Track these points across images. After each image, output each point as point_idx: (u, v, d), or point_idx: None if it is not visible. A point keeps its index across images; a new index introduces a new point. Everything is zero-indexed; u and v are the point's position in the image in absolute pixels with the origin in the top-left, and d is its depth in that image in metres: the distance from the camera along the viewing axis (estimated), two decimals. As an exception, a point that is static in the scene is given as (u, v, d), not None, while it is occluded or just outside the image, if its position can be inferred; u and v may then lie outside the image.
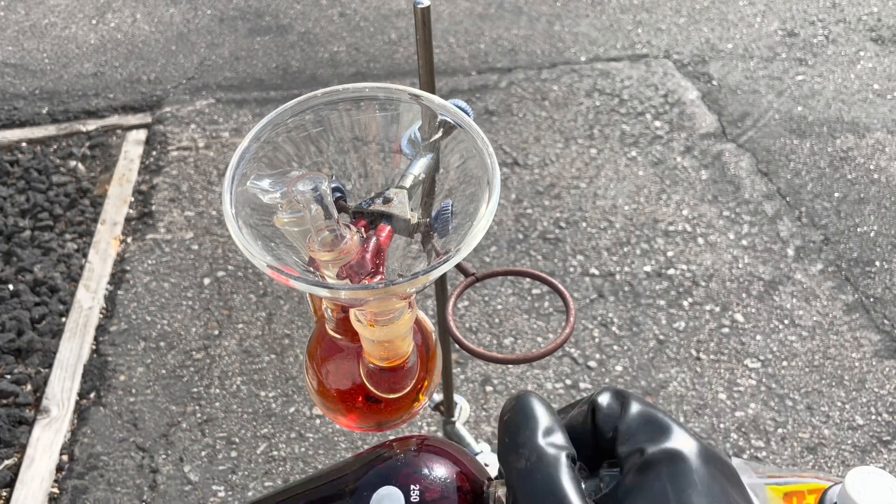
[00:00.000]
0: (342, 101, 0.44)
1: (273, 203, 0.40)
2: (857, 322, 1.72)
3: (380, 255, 0.40)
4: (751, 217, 2.01)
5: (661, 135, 2.30)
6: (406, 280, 0.36)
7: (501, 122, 2.36)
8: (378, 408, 0.51)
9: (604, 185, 2.12)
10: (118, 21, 2.95)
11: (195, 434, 1.53)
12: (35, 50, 2.78)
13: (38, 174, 2.18)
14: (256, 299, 1.81)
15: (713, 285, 1.82)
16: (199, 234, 1.98)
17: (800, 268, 1.86)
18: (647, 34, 2.80)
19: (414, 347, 0.49)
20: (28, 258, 1.91)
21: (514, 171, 2.17)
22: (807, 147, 2.25)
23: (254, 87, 2.57)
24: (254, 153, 0.42)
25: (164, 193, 2.12)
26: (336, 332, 0.51)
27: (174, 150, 2.28)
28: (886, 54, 2.65)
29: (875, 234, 1.95)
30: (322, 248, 0.39)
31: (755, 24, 2.85)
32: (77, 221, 2.05)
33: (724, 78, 2.55)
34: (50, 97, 2.52)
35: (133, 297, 1.81)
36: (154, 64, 2.70)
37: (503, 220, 2.01)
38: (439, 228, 0.42)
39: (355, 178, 0.47)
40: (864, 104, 2.41)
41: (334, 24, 2.92)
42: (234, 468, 1.47)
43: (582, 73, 2.58)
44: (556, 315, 1.76)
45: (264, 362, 1.66)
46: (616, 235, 1.96)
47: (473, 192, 0.41)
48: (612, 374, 1.62)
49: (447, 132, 0.43)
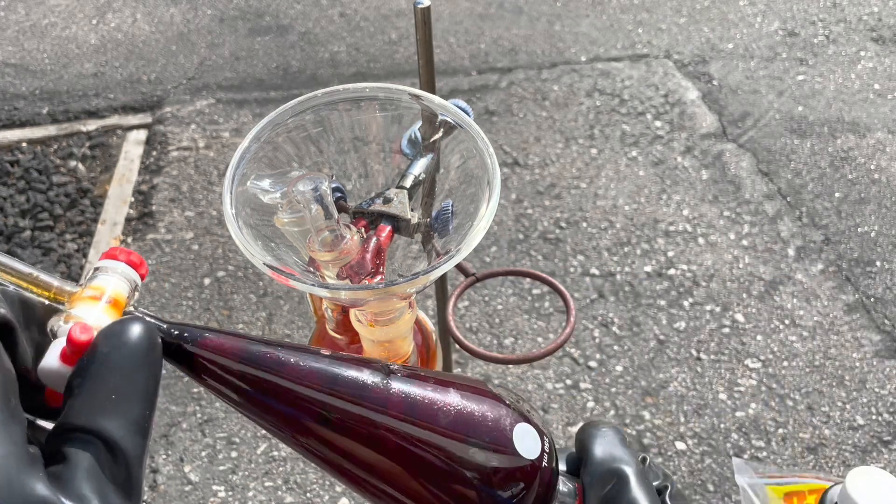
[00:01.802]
0: (342, 102, 0.44)
1: (273, 203, 0.40)
2: (858, 322, 1.72)
3: (380, 256, 0.40)
4: (751, 217, 2.01)
5: (661, 135, 2.30)
6: (406, 280, 0.36)
7: (502, 122, 2.36)
8: (378, 408, 0.51)
9: (604, 185, 2.12)
10: (118, 21, 2.95)
11: (195, 434, 1.53)
12: (35, 50, 2.78)
13: (39, 174, 2.18)
14: (257, 299, 1.81)
15: (714, 285, 1.81)
16: (199, 235, 1.98)
17: (800, 268, 1.86)
18: (647, 34, 2.80)
19: (414, 347, 0.49)
20: (28, 258, 1.91)
21: (514, 171, 2.17)
22: (807, 147, 2.25)
23: (254, 87, 2.57)
24: (254, 153, 0.42)
25: (164, 193, 2.12)
26: (336, 332, 0.51)
27: (174, 151, 2.28)
28: (887, 54, 2.65)
29: (876, 234, 1.95)
30: (322, 248, 0.39)
31: (756, 24, 2.85)
32: (77, 222, 2.05)
33: (724, 78, 2.55)
34: (50, 97, 2.53)
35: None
36: (154, 64, 2.70)
37: (503, 220, 2.01)
38: (439, 228, 0.42)
39: (355, 178, 0.47)
40: (864, 104, 2.41)
41: (334, 24, 2.92)
42: (235, 468, 1.47)
43: (582, 73, 2.58)
44: (557, 315, 1.75)
45: (265, 362, 1.66)
46: (616, 235, 1.96)
47: (474, 192, 0.41)
48: (612, 374, 1.62)
49: (447, 132, 0.43)
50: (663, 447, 1.49)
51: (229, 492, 1.43)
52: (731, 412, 1.55)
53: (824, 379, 1.61)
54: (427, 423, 0.33)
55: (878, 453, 1.47)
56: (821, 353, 1.66)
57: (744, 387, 1.59)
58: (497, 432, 0.34)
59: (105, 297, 0.31)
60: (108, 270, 0.32)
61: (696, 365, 1.64)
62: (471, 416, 0.34)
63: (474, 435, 0.33)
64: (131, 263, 0.32)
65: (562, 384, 1.60)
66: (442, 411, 0.33)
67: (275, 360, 0.31)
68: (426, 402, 0.34)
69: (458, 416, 0.34)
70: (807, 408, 1.55)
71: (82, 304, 0.30)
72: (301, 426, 0.32)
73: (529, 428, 0.35)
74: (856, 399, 1.57)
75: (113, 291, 0.31)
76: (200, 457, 1.49)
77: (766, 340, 1.69)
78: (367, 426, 0.32)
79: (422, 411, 0.33)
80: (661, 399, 1.57)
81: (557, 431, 1.51)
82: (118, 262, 0.32)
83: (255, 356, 0.31)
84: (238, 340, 0.31)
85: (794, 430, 1.51)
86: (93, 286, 0.31)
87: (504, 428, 0.34)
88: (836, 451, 1.48)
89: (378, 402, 0.32)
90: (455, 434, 0.33)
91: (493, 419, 0.34)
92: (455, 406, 0.34)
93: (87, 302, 0.30)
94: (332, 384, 0.32)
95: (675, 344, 1.68)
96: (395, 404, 0.33)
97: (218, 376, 0.31)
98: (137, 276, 0.32)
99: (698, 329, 1.71)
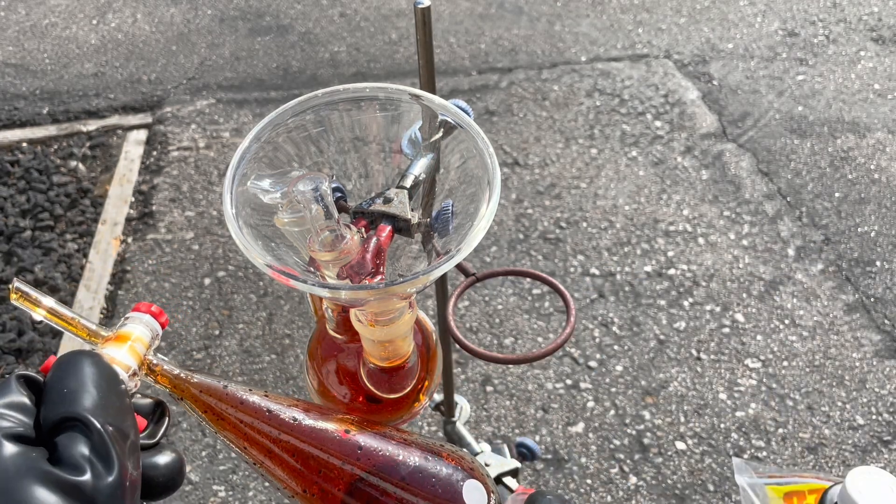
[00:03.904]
0: (342, 102, 0.44)
1: (273, 203, 0.40)
2: (858, 322, 1.72)
3: (380, 255, 0.40)
4: (751, 217, 2.01)
5: (661, 135, 2.30)
6: (406, 280, 0.36)
7: (502, 122, 2.36)
8: (378, 408, 0.51)
9: (604, 185, 2.12)
10: (119, 21, 2.95)
11: (195, 434, 1.53)
12: (36, 50, 2.78)
13: (39, 174, 2.18)
14: (257, 299, 1.81)
15: (714, 285, 1.81)
16: (199, 235, 1.99)
17: (800, 268, 1.86)
18: (647, 34, 2.80)
19: (414, 347, 0.49)
20: (29, 258, 1.91)
21: (514, 171, 2.17)
22: (807, 147, 2.25)
23: (254, 87, 2.57)
24: (254, 153, 0.42)
25: (164, 193, 2.12)
26: (336, 332, 0.51)
27: (175, 151, 2.28)
28: (887, 54, 2.65)
29: (875, 234, 1.95)
30: (322, 248, 0.39)
31: (756, 24, 2.85)
32: (77, 221, 2.05)
33: (724, 78, 2.55)
34: (50, 97, 2.53)
35: (133, 297, 1.81)
36: (154, 64, 2.70)
37: (503, 220, 2.01)
38: (440, 228, 0.42)
39: (356, 178, 0.47)
40: (864, 104, 2.41)
41: (335, 25, 2.92)
42: (235, 468, 1.47)
43: (582, 73, 2.58)
44: (557, 315, 1.76)
45: (265, 362, 1.66)
46: (616, 235, 1.96)
47: (474, 192, 0.41)
48: (612, 373, 1.62)
49: (447, 132, 0.43)
50: (663, 447, 1.49)
51: (229, 491, 1.44)
52: (731, 412, 1.55)
53: (824, 379, 1.61)
54: (388, 475, 0.40)
55: (877, 453, 1.47)
56: (821, 353, 1.66)
57: (744, 387, 1.59)
58: (448, 485, 0.40)
59: (130, 340, 0.38)
60: (135, 320, 0.39)
61: (696, 365, 1.64)
62: (425, 469, 0.41)
63: (428, 486, 0.40)
64: (153, 314, 0.39)
65: (562, 384, 1.60)
66: (402, 464, 0.40)
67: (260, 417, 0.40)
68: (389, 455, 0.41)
69: (416, 469, 0.40)
70: (807, 408, 1.55)
71: (111, 345, 0.37)
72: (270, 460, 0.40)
73: (478, 484, 0.41)
74: (856, 399, 1.57)
75: (137, 337, 0.38)
76: (201, 457, 1.49)
77: (766, 340, 1.69)
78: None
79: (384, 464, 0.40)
80: (661, 399, 1.57)
81: (557, 431, 1.52)
82: (143, 314, 0.39)
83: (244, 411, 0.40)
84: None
85: (794, 430, 1.51)
86: (121, 332, 0.38)
87: (455, 482, 0.40)
88: (835, 450, 1.48)
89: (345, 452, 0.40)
90: (411, 486, 0.40)
91: (445, 475, 0.40)
92: (413, 461, 0.41)
93: (115, 343, 0.37)
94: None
95: (675, 344, 1.68)
96: (364, 456, 0.40)
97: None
98: (158, 325, 0.40)
99: (698, 329, 1.71)
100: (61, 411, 0.31)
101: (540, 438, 1.50)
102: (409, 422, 0.54)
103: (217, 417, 0.40)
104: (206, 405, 0.40)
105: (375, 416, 0.51)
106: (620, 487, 1.43)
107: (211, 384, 0.40)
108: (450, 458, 0.42)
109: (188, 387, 0.39)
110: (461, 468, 0.41)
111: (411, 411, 0.52)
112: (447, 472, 0.41)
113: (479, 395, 1.59)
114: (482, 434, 1.52)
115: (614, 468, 1.46)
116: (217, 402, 0.40)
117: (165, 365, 0.39)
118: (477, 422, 1.54)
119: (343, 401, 0.51)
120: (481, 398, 1.58)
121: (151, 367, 0.38)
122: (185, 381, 0.39)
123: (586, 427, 1.52)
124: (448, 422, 1.04)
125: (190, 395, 0.39)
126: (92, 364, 0.33)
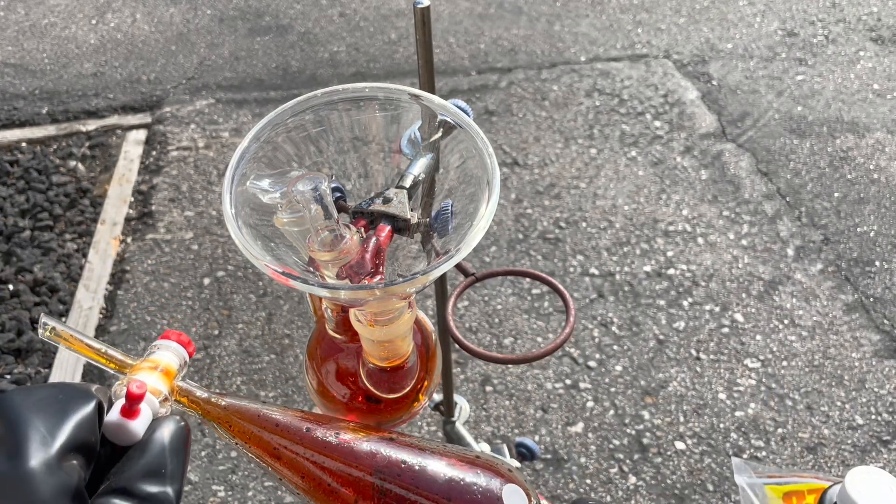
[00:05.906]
0: (342, 101, 0.44)
1: (273, 203, 0.40)
2: (857, 322, 1.72)
3: (379, 255, 0.40)
4: (751, 217, 2.01)
5: (660, 135, 2.30)
6: (406, 280, 0.36)
7: (501, 122, 2.36)
8: (378, 408, 0.51)
9: (604, 185, 2.12)
10: (118, 21, 2.95)
11: (195, 434, 1.53)
12: (35, 50, 2.78)
13: (38, 174, 2.18)
14: (256, 299, 1.81)
15: (713, 285, 1.81)
16: (198, 234, 1.98)
17: (800, 268, 1.86)
18: (646, 34, 2.80)
19: (414, 347, 0.49)
20: (28, 258, 1.90)
21: (513, 171, 2.17)
22: (807, 147, 2.25)
23: (254, 87, 2.57)
24: (254, 153, 0.42)
25: (163, 193, 2.12)
26: (336, 332, 0.51)
27: (174, 150, 2.28)
28: (886, 54, 2.65)
29: (875, 234, 1.95)
30: (322, 248, 0.39)
31: (755, 24, 2.85)
32: (77, 221, 2.04)
33: (723, 78, 2.55)
34: (50, 97, 2.52)
35: (133, 297, 1.81)
36: (154, 64, 2.70)
37: (503, 220, 2.01)
38: (439, 228, 0.42)
39: (355, 178, 0.47)
40: (863, 104, 2.41)
41: (334, 24, 2.92)
42: (234, 468, 1.47)
43: (582, 73, 2.58)
44: (556, 315, 1.76)
45: (264, 362, 1.66)
46: (616, 235, 1.96)
47: (473, 192, 0.41)
48: (611, 373, 1.62)
49: (447, 132, 0.43)
50: (663, 447, 1.49)
51: (229, 491, 1.43)
52: (730, 412, 1.55)
53: (823, 379, 1.61)
54: (428, 490, 0.40)
55: (877, 453, 1.47)
56: (820, 353, 1.66)
57: (743, 386, 1.59)
58: (488, 492, 0.41)
59: (159, 368, 0.38)
60: (163, 347, 0.39)
61: (695, 365, 1.64)
62: (464, 479, 0.41)
63: (468, 495, 0.40)
64: (182, 342, 0.40)
65: (561, 384, 1.61)
66: (440, 476, 0.41)
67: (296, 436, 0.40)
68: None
69: (454, 479, 0.41)
70: (806, 407, 1.55)
71: (141, 373, 0.37)
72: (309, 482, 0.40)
73: (517, 488, 0.42)
74: (855, 399, 1.57)
75: (166, 364, 0.38)
76: (200, 457, 1.49)
77: (765, 340, 1.69)
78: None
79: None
80: (661, 399, 1.57)
81: (557, 431, 1.52)
82: (171, 342, 0.39)
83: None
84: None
85: (794, 430, 1.52)
86: (150, 360, 0.38)
87: (494, 488, 0.41)
88: (835, 450, 1.48)
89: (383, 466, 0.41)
90: (452, 498, 0.40)
91: (484, 482, 0.41)
92: (451, 472, 0.41)
93: (144, 371, 0.38)
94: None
95: (675, 344, 1.68)
96: (405, 469, 0.40)
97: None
98: (186, 354, 0.40)
99: (698, 329, 1.71)
100: (143, 493, 0.31)
101: (539, 438, 1.50)
102: (408, 422, 0.54)
103: (252, 443, 0.40)
104: (240, 429, 0.40)
105: (375, 416, 0.51)
106: (620, 487, 1.43)
107: (242, 407, 0.41)
108: (486, 466, 0.43)
109: (220, 412, 0.40)
110: (499, 474, 0.42)
111: (411, 411, 0.52)
112: (485, 478, 0.41)
113: (479, 395, 1.59)
114: (481, 434, 1.52)
115: (614, 468, 1.46)
116: (252, 425, 0.40)
117: (198, 391, 0.40)
118: (476, 422, 1.54)
119: (342, 401, 0.51)
120: (481, 398, 1.58)
121: (182, 392, 0.39)
122: (216, 406, 0.40)
123: (586, 427, 1.53)
124: (447, 422, 1.04)
125: (222, 420, 0.40)
126: (184, 441, 0.34)
